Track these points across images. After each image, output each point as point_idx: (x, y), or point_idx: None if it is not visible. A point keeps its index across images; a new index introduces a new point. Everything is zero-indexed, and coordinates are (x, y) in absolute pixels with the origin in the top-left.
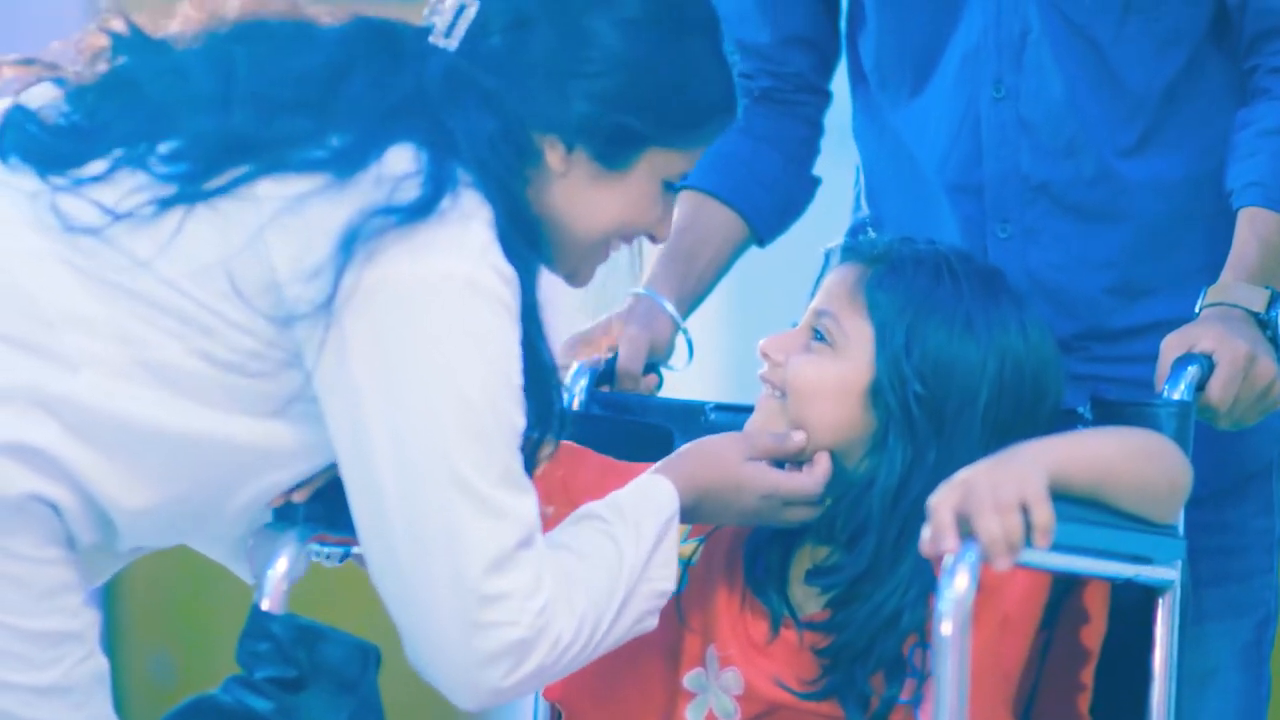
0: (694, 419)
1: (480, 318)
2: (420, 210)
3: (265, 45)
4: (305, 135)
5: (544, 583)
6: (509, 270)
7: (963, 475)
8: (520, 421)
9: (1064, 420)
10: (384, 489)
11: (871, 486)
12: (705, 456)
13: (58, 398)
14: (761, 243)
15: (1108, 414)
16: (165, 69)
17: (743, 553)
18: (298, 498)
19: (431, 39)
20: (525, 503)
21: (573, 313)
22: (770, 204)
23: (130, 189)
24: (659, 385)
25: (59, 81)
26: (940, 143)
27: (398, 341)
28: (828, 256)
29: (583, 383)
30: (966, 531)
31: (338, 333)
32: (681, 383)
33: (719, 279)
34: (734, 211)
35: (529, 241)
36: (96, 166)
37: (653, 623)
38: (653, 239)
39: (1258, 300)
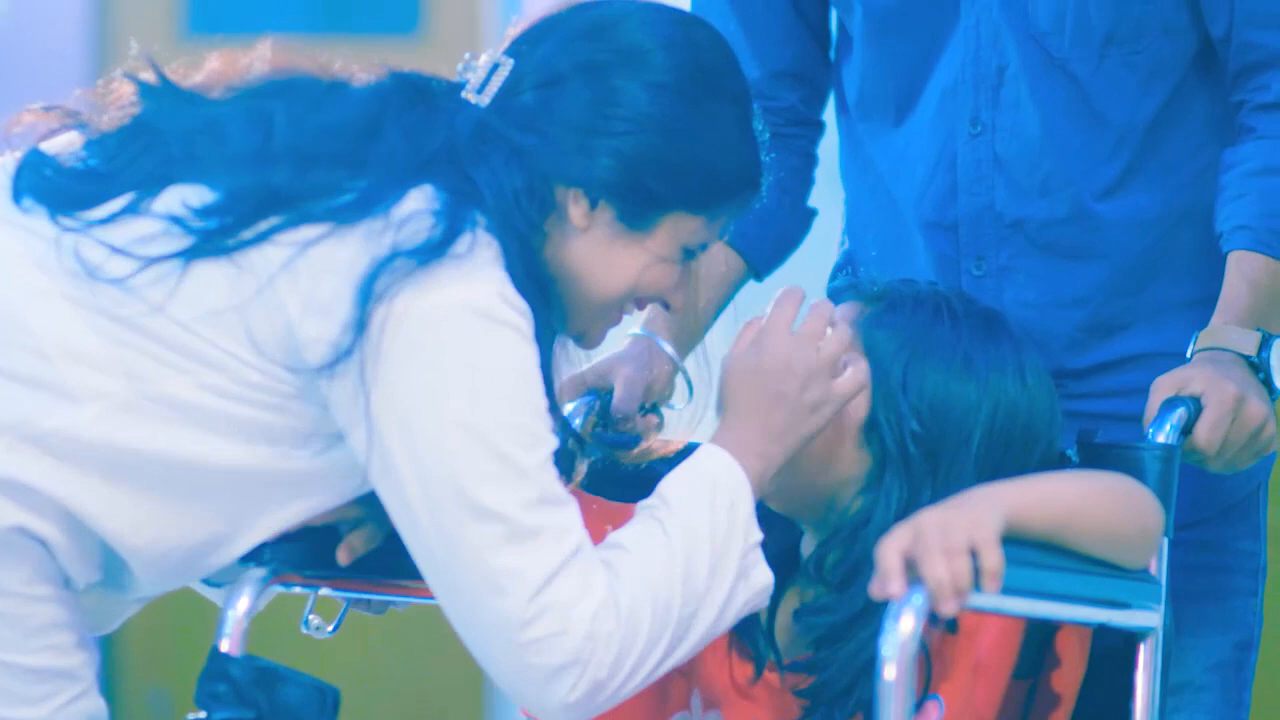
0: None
1: (494, 345)
2: (436, 249)
3: (302, 102)
4: (332, 187)
5: (593, 589)
6: (521, 303)
7: (914, 518)
8: (552, 440)
9: (1055, 463)
10: (418, 520)
11: (866, 525)
12: (738, 380)
13: (53, 432)
14: (759, 276)
15: (1093, 456)
16: (198, 121)
17: None
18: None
19: (463, 94)
20: (563, 517)
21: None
22: (766, 238)
23: (141, 234)
24: (660, 426)
25: (82, 128)
26: (917, 179)
27: (411, 373)
28: (831, 296)
29: (577, 423)
30: (915, 575)
31: (355, 370)
32: (682, 422)
33: (717, 316)
34: (730, 247)
35: (542, 298)
36: (108, 209)
37: (764, 576)
38: (666, 305)
39: (1249, 343)
